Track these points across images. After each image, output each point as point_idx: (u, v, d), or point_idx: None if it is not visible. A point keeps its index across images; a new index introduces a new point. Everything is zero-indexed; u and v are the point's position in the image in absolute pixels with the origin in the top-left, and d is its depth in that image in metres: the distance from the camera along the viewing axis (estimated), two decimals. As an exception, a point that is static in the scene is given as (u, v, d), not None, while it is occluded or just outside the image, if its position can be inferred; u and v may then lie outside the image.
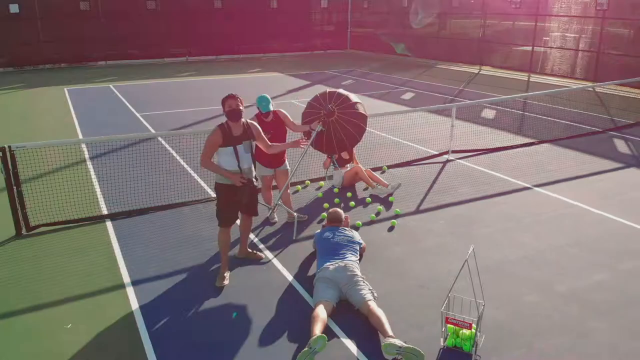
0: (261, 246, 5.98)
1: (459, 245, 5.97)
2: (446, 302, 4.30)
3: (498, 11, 20.39)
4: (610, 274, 5.35)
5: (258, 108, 6.06)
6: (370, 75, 19.65)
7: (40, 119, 12.68)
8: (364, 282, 4.81)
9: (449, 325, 4.20)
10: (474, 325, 4.11)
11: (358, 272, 4.88)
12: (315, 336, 4.08)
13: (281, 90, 16.31)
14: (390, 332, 4.21)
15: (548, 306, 4.79)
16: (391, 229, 6.43)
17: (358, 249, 5.38)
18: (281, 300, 4.91)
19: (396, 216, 6.77)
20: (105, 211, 6.96)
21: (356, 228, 6.39)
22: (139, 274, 5.38)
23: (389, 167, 8.76)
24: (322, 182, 7.94)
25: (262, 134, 5.31)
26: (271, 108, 6.04)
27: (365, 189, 7.72)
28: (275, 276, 5.32)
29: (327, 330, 4.37)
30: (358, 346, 4.23)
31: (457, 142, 9.71)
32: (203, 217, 6.76)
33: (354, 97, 6.58)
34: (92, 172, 8.52)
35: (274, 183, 6.69)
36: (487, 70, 20.34)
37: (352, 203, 7.17)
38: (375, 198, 7.39)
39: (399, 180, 7.77)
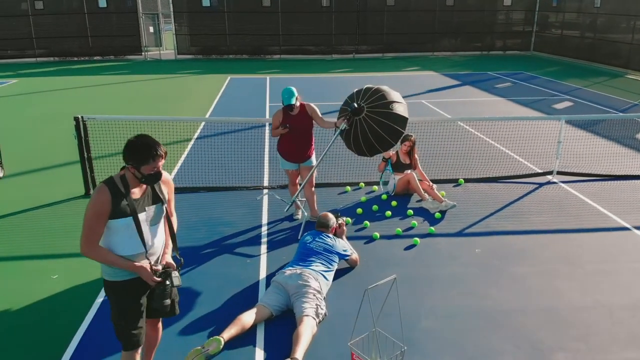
0: (263, 240, 5.86)
1: (476, 281, 5.03)
2: (365, 335, 3.68)
3: None
4: (649, 357, 3.95)
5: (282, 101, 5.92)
6: (535, 80, 17.54)
7: (188, 99, 14.31)
8: (314, 295, 4.39)
9: (362, 363, 3.60)
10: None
11: (312, 284, 4.46)
12: (212, 337, 3.88)
13: (419, 89, 15.63)
14: (297, 354, 3.78)
15: (522, 375, 3.76)
16: (410, 247, 5.71)
17: (336, 260, 4.92)
18: (235, 295, 4.75)
19: (429, 235, 5.99)
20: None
21: (371, 240, 5.84)
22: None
23: (469, 180, 7.75)
24: (375, 187, 7.41)
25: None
26: (294, 101, 5.82)
27: (419, 200, 6.97)
28: (249, 272, 5.16)
29: (247, 335, 4.12)
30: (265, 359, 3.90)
31: (575, 162, 8.22)
32: (237, 203, 6.90)
33: (392, 96, 5.93)
34: (176, 149, 9.33)
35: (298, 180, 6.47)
36: (692, 84, 16.49)
37: (389, 213, 6.54)
38: (420, 212, 6.64)
39: (456, 202, 6.74)
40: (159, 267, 3.15)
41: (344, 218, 5.46)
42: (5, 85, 16.54)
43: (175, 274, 3.19)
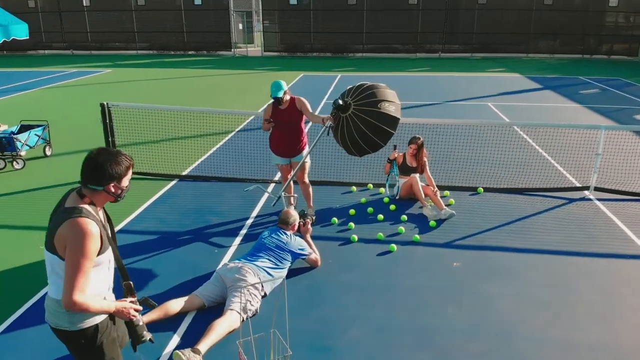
0: (242, 232, 5.89)
1: (435, 296, 4.65)
2: (259, 335, 3.57)
3: None
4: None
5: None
6: (629, 88, 15.75)
7: (249, 94, 14.76)
8: (248, 291, 4.33)
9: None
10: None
11: (249, 279, 4.41)
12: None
13: (491, 91, 14.74)
14: (200, 346, 3.77)
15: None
16: (385, 253, 5.42)
17: (289, 258, 4.81)
18: (184, 283, 4.83)
19: (411, 243, 5.65)
20: (176, 173, 7.86)
21: (348, 242, 5.64)
22: (135, 226, 6.05)
23: (492, 190, 7.17)
24: (382, 189, 7.12)
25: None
26: (280, 95, 5.76)
27: (422, 206, 6.59)
28: (210, 262, 5.20)
29: (172, 322, 4.18)
30: (177, 347, 3.92)
31: (625, 179, 7.32)
32: (238, 194, 6.99)
33: (384, 95, 5.61)
34: (210, 140, 9.65)
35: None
36: None
37: (381, 216, 6.25)
38: (416, 219, 6.27)
39: (464, 212, 6.31)
40: (148, 301, 2.79)
41: (312, 217, 5.32)
42: (97, 75, 18.22)
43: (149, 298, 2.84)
